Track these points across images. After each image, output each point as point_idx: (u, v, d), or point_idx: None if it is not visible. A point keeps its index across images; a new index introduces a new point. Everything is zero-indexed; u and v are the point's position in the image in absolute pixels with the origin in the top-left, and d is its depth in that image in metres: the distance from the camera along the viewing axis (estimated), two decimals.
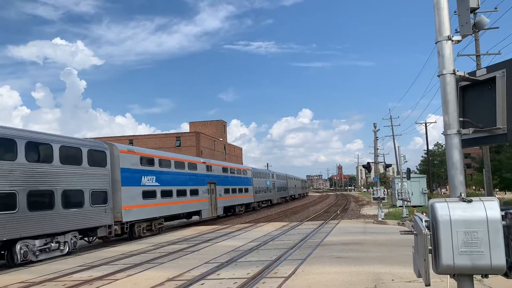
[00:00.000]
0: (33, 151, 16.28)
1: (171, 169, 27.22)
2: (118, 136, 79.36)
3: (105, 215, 19.81)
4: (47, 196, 16.57)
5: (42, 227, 16.06)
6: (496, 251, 3.50)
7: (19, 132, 16.01)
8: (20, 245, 15.09)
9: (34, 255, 15.70)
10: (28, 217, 15.40)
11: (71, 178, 17.87)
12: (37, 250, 15.88)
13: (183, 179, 28.65)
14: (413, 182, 36.24)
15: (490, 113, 3.99)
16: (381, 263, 11.79)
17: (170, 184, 26.63)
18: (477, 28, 4.18)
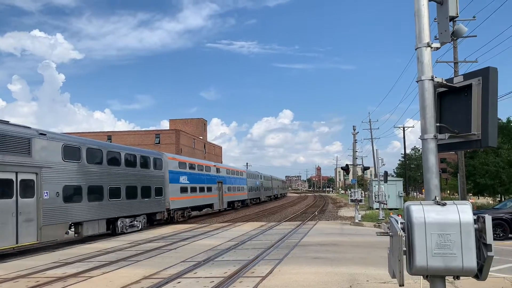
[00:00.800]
0: (130, 161, 24.59)
1: (195, 171, 35.29)
2: (97, 132, 78.22)
3: (162, 204, 27.89)
4: (134, 189, 24.50)
5: (131, 210, 24.05)
6: (468, 254, 3.61)
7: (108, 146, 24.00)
8: (120, 221, 22.97)
9: (125, 228, 23.37)
10: (125, 203, 23.44)
11: (145, 178, 25.93)
12: (127, 225, 23.63)
13: (203, 178, 36.78)
14: (390, 185, 36.83)
15: (465, 120, 4.10)
16: (356, 264, 11.96)
17: (196, 182, 34.56)
18: (456, 36, 4.29)
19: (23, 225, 16.14)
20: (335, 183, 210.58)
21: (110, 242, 19.89)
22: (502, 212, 19.06)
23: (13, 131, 16.37)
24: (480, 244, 3.69)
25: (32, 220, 16.62)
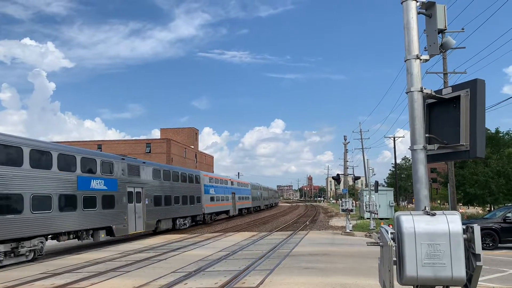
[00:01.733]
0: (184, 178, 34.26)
1: (219, 184, 45.14)
2: (87, 141, 77.66)
3: (200, 209, 37.00)
4: (185, 198, 33.50)
5: (183, 213, 33.09)
6: (457, 264, 3.64)
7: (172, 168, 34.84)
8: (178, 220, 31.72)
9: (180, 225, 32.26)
10: (181, 208, 32.37)
11: (190, 189, 35.13)
12: (182, 224, 32.62)
13: (223, 190, 46.49)
14: (380, 195, 36.98)
15: (454, 131, 4.16)
16: (347, 274, 11.95)
17: (219, 193, 44.35)
18: (444, 49, 4.36)
19: (138, 220, 25.66)
20: (326, 192, 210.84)
21: (99, 252, 19.66)
22: (492, 222, 19.19)
23: (132, 163, 26.10)
24: (469, 254, 3.72)
25: (141, 217, 26.14)
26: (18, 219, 16.23)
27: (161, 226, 28.62)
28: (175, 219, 31.30)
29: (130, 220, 24.54)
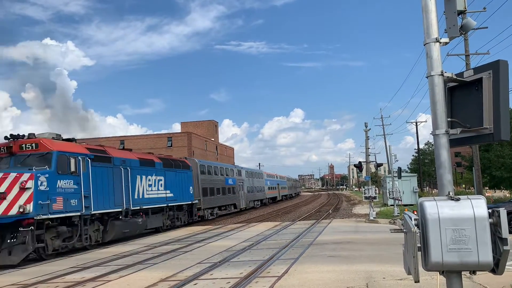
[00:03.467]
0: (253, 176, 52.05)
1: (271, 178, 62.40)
2: (109, 137, 78.92)
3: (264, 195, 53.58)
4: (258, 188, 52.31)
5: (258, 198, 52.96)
6: (483, 248, 3.59)
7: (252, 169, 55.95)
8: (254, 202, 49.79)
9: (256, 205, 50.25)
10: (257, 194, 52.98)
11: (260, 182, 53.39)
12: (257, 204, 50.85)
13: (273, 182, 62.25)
14: (404, 181, 36.53)
15: (477, 114, 4.07)
16: (372, 262, 11.91)
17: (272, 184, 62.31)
18: (464, 30, 4.27)
19: (242, 200, 43.52)
20: (349, 180, 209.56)
21: (126, 246, 20.08)
22: None
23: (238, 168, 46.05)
24: (496, 238, 3.67)
25: (243, 199, 44.03)
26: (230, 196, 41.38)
27: (249, 204, 47.23)
28: (255, 201, 50.51)
29: (241, 200, 43.77)
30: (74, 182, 17.88)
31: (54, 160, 16.88)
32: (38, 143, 17.11)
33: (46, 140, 17.51)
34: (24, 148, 17.08)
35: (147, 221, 23.61)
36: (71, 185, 17.67)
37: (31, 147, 17.06)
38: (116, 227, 20.70)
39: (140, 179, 23.23)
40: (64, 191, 17.19)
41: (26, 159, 16.88)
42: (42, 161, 16.75)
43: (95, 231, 19.64)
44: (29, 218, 15.43)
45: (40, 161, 16.73)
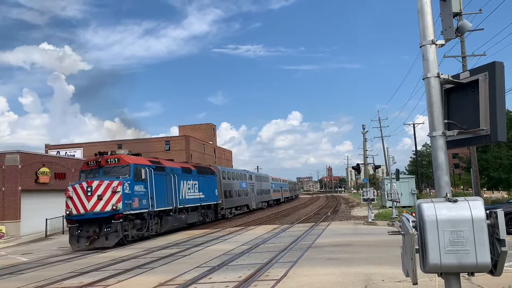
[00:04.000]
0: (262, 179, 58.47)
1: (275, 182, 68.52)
2: (108, 141, 78.78)
3: (270, 197, 61.06)
4: (266, 190, 59.43)
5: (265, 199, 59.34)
6: (481, 250, 3.59)
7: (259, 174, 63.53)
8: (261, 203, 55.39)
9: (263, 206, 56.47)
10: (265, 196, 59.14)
11: (267, 185, 60.62)
12: (265, 205, 57.40)
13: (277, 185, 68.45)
14: (402, 183, 36.55)
15: (474, 115, 4.08)
16: (371, 264, 11.90)
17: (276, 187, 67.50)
18: (460, 32, 4.27)
19: (253, 202, 49.57)
20: (347, 182, 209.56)
21: (124, 250, 20.02)
22: None
23: (250, 173, 52.31)
24: (494, 239, 3.67)
25: (254, 200, 50.87)
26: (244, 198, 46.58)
27: (259, 205, 52.59)
28: (263, 202, 55.99)
29: (252, 201, 49.16)
30: (144, 187, 23.54)
31: (132, 171, 22.56)
32: (119, 158, 22.84)
33: (125, 156, 23.40)
34: (109, 162, 22.74)
35: (187, 217, 29.51)
36: (142, 189, 23.34)
37: (114, 161, 22.75)
38: (169, 221, 26.72)
39: (182, 183, 29.07)
40: (138, 194, 22.85)
41: (111, 170, 22.45)
42: (123, 172, 22.32)
43: (156, 224, 25.21)
44: (119, 213, 21.12)
45: (121, 172, 22.29)
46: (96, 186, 21.41)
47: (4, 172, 32.77)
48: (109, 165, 22.72)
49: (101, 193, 21.17)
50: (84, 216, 21.35)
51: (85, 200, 21.39)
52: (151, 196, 24.11)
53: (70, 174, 39.59)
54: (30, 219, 33.21)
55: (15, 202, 32.67)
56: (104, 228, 21.18)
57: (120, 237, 21.29)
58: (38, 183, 34.84)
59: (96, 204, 21.20)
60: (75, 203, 21.61)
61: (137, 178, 22.97)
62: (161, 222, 25.82)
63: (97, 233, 21.16)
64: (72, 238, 21.62)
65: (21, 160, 33.28)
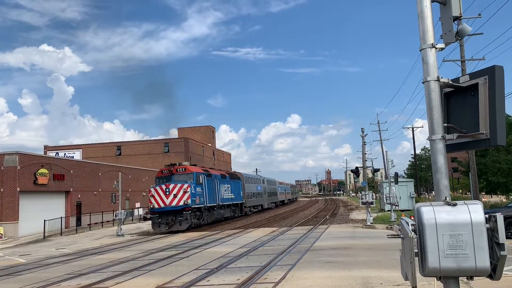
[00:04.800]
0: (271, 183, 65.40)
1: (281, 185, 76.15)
2: (107, 143, 78.74)
3: (278, 198, 69.33)
4: (273, 193, 65.48)
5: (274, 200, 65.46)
6: (481, 254, 3.58)
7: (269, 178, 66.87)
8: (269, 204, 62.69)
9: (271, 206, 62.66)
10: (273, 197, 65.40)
11: (274, 188, 66.48)
12: (272, 206, 62.41)
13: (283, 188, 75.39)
14: (401, 187, 36.58)
15: (473, 119, 4.08)
16: (370, 267, 11.89)
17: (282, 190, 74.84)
18: (460, 36, 4.28)
19: (264, 201, 55.98)
20: (346, 186, 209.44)
21: (122, 252, 19.98)
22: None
23: (262, 178, 59.66)
24: (493, 243, 3.66)
25: (266, 201, 57.47)
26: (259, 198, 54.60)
27: (269, 205, 59.78)
28: (272, 203, 62.19)
29: (265, 202, 55.29)
30: (201, 188, 32.18)
31: (194, 177, 31.49)
32: (185, 168, 32.03)
33: (188, 166, 32.93)
34: (178, 170, 31.67)
35: (224, 212, 38.22)
36: (200, 190, 31.92)
37: (182, 170, 31.62)
38: (214, 214, 35.35)
39: (221, 186, 37.69)
40: (198, 193, 31.48)
41: (179, 177, 31.17)
42: (188, 178, 31.14)
43: (206, 216, 33.32)
44: (189, 207, 29.56)
45: (187, 178, 31.10)
46: (172, 188, 29.94)
47: (2, 173, 32.72)
48: (178, 173, 31.47)
49: (176, 192, 29.77)
50: (163, 209, 29.69)
51: (164, 197, 29.86)
52: (205, 195, 32.85)
53: (69, 175, 39.56)
54: (28, 220, 33.15)
55: (14, 203, 32.60)
56: (178, 217, 29.36)
57: (190, 223, 29.59)
58: (36, 184, 34.80)
59: (172, 200, 29.71)
60: (157, 199, 29.92)
61: (197, 182, 31.63)
62: (210, 215, 34.04)
63: (173, 221, 29.38)
64: (154, 225, 29.78)
65: (20, 161, 33.24)
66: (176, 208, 29.38)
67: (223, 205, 37.54)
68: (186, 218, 29.36)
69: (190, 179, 30.95)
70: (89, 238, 29.60)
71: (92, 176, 44.13)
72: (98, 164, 46.97)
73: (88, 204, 42.40)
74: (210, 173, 35.78)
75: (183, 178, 30.86)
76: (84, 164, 44.42)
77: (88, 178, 43.22)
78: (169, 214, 29.52)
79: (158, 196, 29.94)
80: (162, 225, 29.32)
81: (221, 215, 37.14)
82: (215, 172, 38.15)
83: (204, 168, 36.61)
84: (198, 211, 31.44)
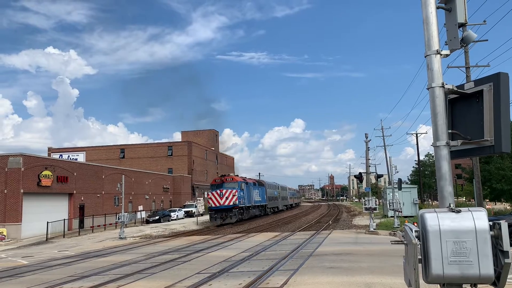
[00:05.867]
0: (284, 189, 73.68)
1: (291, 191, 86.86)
2: (111, 145, 78.94)
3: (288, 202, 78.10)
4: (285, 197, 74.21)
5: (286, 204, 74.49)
6: (485, 261, 3.57)
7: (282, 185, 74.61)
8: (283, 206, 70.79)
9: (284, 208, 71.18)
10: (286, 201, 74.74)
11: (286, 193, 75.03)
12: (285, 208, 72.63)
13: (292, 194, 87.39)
14: (404, 193, 36.41)
15: (478, 126, 4.07)
16: (372, 273, 11.84)
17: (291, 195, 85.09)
18: (465, 43, 4.28)
19: (280, 204, 66.24)
20: (349, 191, 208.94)
21: (125, 255, 19.99)
22: None
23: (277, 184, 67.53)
24: (497, 251, 3.64)
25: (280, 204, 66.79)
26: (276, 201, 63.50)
27: (282, 208, 67.33)
28: (284, 206, 70.21)
29: (279, 205, 63.99)
30: (243, 193, 41.92)
31: (239, 185, 41.22)
32: (232, 178, 42.53)
33: (234, 176, 43.80)
34: (227, 180, 41.81)
35: (255, 211, 47.89)
36: (242, 194, 41.65)
37: (230, 179, 41.83)
38: (250, 213, 45.23)
39: (253, 191, 47.49)
40: (241, 196, 41.15)
41: (229, 184, 40.93)
42: (235, 185, 40.89)
43: (246, 213, 43.10)
44: (236, 206, 39.43)
45: (234, 185, 40.85)
46: (224, 192, 40.16)
47: (6, 175, 32.85)
48: (227, 181, 41.77)
49: (227, 196, 39.92)
50: (218, 207, 39.82)
51: (219, 199, 40.03)
52: (244, 198, 42.79)
53: (73, 177, 39.67)
54: (31, 222, 33.24)
55: (17, 205, 32.70)
56: (229, 213, 39.52)
57: (237, 218, 39.93)
58: (40, 186, 34.91)
59: (225, 201, 39.73)
60: (213, 200, 40.16)
61: (241, 188, 41.92)
62: (247, 212, 44.01)
63: (226, 216, 39.42)
64: (211, 218, 40.12)
65: (24, 162, 33.37)
66: (227, 207, 39.62)
67: (255, 205, 47.77)
68: (235, 214, 39.60)
69: (236, 186, 41.10)
70: (92, 241, 29.64)
71: (96, 178, 44.25)
72: (102, 167, 47.10)
73: (91, 206, 42.50)
74: (247, 181, 46.33)
75: (231, 185, 40.92)
76: (87, 167, 44.54)
77: (92, 180, 43.33)
78: (222, 211, 39.51)
79: (214, 198, 40.08)
80: (218, 219, 39.16)
81: (254, 214, 47.35)
82: (250, 180, 48.79)
83: (243, 178, 47.76)
84: (241, 209, 41.46)
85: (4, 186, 32.76)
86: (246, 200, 43.08)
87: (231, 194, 39.65)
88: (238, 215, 39.98)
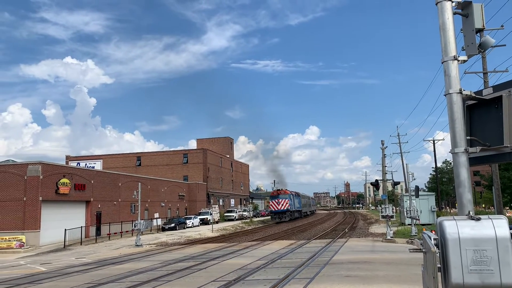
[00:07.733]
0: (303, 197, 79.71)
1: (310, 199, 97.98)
2: (127, 153, 79.75)
3: (310, 209, 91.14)
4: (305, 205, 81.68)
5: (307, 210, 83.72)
6: (506, 270, 3.50)
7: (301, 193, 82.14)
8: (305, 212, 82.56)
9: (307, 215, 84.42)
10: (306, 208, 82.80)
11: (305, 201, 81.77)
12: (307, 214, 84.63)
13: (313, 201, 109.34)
14: (421, 200, 35.90)
15: (497, 132, 4.01)
16: (390, 282, 11.68)
17: (310, 203, 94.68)
18: (483, 48, 4.24)
19: (306, 210, 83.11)
20: (365, 199, 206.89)
21: (141, 262, 20.09)
22: None
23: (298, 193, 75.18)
24: None
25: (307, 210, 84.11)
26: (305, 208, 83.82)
27: (307, 214, 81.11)
28: (310, 211, 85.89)
29: (307, 210, 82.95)
30: (291, 201, 61.81)
31: (289, 196, 61.81)
32: (285, 191, 63.21)
33: (286, 190, 64.48)
34: (281, 192, 62.35)
35: (297, 214, 66.81)
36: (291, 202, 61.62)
37: (283, 192, 62.34)
38: (295, 215, 64.69)
39: (296, 200, 66.00)
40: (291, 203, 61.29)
41: (282, 195, 60.99)
42: (286, 196, 61.22)
43: (293, 216, 63.23)
44: (288, 210, 60.53)
45: (286, 196, 61.16)
46: (280, 201, 59.05)
47: (26, 183, 33.40)
48: (281, 194, 60.77)
49: (282, 203, 59.03)
50: (276, 211, 59.07)
51: (277, 205, 59.23)
52: (292, 205, 60.91)
53: (90, 185, 40.14)
54: (49, 229, 33.67)
55: (36, 212, 33.19)
56: (283, 215, 58.59)
57: (289, 218, 59.42)
58: (58, 194, 35.38)
59: (281, 207, 58.87)
60: (273, 206, 59.90)
61: (290, 198, 60.89)
62: (293, 215, 61.68)
63: (281, 216, 58.42)
64: (272, 218, 60.10)
65: (43, 171, 33.90)
66: (283, 210, 59.01)
67: (297, 210, 66.61)
68: (287, 215, 59.08)
69: (287, 196, 60.45)
70: (109, 248, 29.88)
71: (112, 186, 44.68)
72: (118, 175, 47.55)
73: (107, 214, 42.88)
74: (293, 193, 65.87)
75: (284, 196, 60.21)
76: (104, 174, 45.01)
77: (108, 188, 43.77)
78: (279, 213, 59.04)
79: (274, 204, 59.91)
80: (276, 218, 58.55)
81: (296, 216, 65.85)
82: (293, 192, 67.82)
83: (291, 191, 67.21)
84: (291, 212, 60.85)
85: (23, 194, 33.31)
86: (293, 206, 62.03)
87: (285, 202, 59.01)
88: (289, 216, 59.40)
